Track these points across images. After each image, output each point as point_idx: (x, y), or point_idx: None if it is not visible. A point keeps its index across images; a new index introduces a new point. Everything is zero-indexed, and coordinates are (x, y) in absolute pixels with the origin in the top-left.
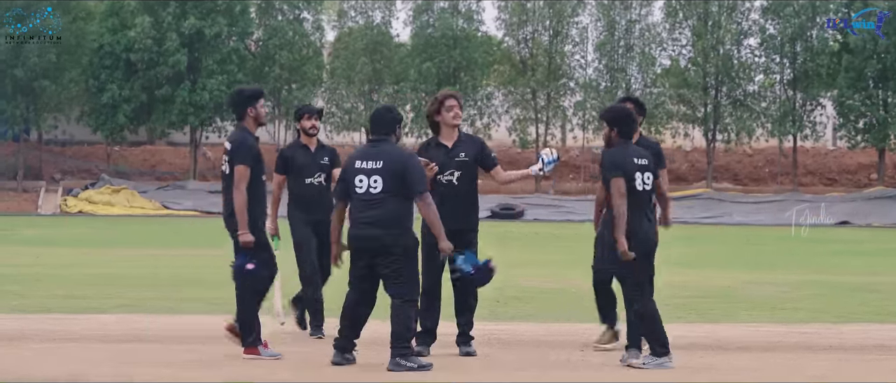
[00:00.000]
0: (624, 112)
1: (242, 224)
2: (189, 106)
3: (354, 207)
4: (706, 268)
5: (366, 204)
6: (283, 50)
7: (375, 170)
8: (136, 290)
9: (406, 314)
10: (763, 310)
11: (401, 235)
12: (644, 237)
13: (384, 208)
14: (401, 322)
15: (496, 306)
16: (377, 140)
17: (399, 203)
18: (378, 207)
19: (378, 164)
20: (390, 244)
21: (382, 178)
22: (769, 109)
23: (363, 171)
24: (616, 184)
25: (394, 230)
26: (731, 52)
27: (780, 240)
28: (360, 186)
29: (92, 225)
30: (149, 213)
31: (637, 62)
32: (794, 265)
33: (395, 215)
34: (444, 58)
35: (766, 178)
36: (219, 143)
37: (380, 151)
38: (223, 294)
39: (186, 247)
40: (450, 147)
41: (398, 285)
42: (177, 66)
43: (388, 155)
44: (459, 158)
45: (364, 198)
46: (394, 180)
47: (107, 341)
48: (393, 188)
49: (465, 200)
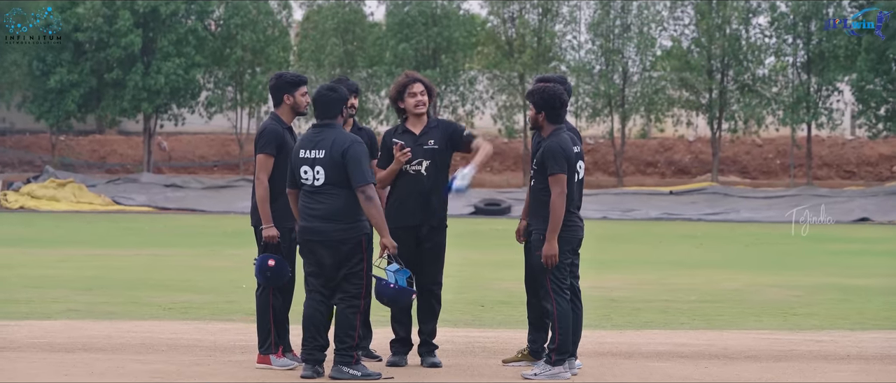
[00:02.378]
0: (554, 93)
1: (265, 216)
2: (143, 91)
3: (301, 199)
4: (711, 269)
5: (311, 196)
6: (245, 29)
7: (318, 159)
8: (84, 294)
9: (346, 317)
10: (774, 316)
11: (348, 230)
12: (574, 231)
13: (329, 201)
14: (341, 326)
15: (480, 311)
16: (321, 125)
17: (346, 194)
18: (323, 200)
19: (320, 154)
20: (337, 240)
21: (324, 169)
22: (781, 95)
23: (306, 161)
24: (559, 182)
25: (340, 224)
26: (738, 31)
27: (793, 238)
28: (305, 178)
29: (34, 222)
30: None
31: (635, 43)
32: (808, 266)
33: (341, 208)
34: (423, 38)
35: (777, 171)
36: (175, 132)
37: (323, 139)
38: (181, 298)
39: (140, 247)
40: (417, 134)
41: (346, 289)
42: (130, 47)
43: (330, 143)
44: (428, 147)
45: (308, 190)
46: (336, 171)
47: (52, 350)
48: (336, 179)
49: (433, 193)
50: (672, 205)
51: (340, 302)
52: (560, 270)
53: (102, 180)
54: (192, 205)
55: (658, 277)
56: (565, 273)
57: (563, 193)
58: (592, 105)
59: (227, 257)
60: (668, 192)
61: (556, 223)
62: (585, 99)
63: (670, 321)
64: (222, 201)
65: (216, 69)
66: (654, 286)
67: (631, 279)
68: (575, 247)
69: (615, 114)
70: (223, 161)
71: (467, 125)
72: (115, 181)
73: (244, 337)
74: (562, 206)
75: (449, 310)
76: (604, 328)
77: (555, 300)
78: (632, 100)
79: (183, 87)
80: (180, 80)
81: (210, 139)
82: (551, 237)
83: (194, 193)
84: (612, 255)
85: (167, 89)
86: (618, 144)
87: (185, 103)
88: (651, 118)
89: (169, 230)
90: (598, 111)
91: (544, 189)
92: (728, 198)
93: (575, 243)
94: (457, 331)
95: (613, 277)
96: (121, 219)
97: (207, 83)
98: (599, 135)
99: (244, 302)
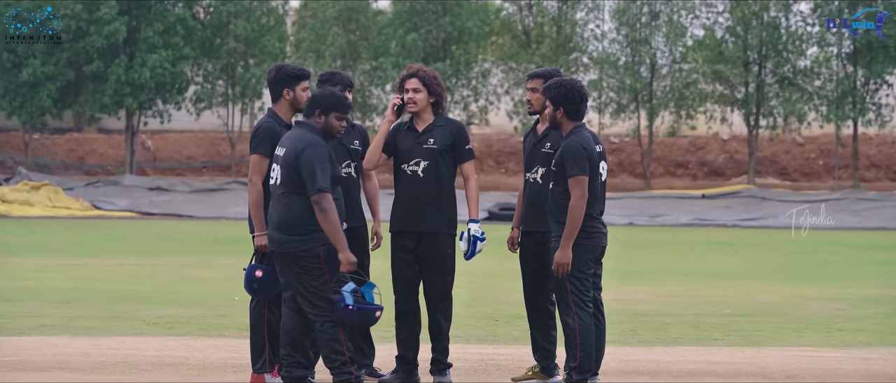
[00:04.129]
0: (573, 86)
1: (257, 223)
2: (126, 85)
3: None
4: (747, 280)
5: (273, 200)
6: (238, 18)
7: (279, 158)
8: (60, 308)
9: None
10: (817, 332)
11: (303, 241)
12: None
13: (282, 208)
14: (324, 344)
15: (494, 325)
16: (299, 122)
17: (301, 202)
18: (277, 206)
19: (282, 152)
20: (292, 251)
21: (281, 170)
22: (824, 89)
23: (276, 159)
24: (580, 184)
25: (294, 235)
26: (777, 19)
27: (839, 246)
28: (272, 178)
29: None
30: (76, 215)
31: (664, 32)
32: (853, 277)
33: (295, 217)
34: (432, 27)
35: (820, 172)
36: (160, 130)
37: (289, 137)
38: (167, 312)
39: (122, 256)
40: (419, 131)
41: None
42: (113, 37)
43: (290, 142)
44: (427, 146)
45: (272, 191)
46: (289, 173)
47: (24, 369)
48: (289, 183)
49: (430, 197)
50: (704, 210)
51: (315, 321)
52: (582, 282)
53: (81, 183)
54: (179, 209)
55: (689, 289)
56: (588, 284)
57: (584, 197)
58: (617, 100)
59: (218, 267)
60: (699, 196)
61: (573, 228)
62: (610, 93)
63: (702, 337)
64: (212, 206)
65: (206, 61)
66: (684, 298)
67: (659, 291)
68: (598, 256)
69: (642, 111)
70: (213, 162)
71: (481, 122)
72: (94, 184)
73: (236, 354)
74: (581, 211)
75: (460, 325)
76: (629, 344)
77: (576, 314)
78: (660, 94)
79: (169, 81)
80: (166, 74)
81: (199, 138)
82: (566, 244)
83: (181, 197)
84: (638, 265)
85: (152, 83)
86: (645, 143)
87: (172, 98)
88: (681, 114)
89: (154, 237)
90: (623, 107)
91: (564, 192)
92: (766, 203)
93: (598, 252)
94: (469, 348)
95: (640, 289)
96: (101, 225)
97: (196, 76)
98: (624, 134)
99: (236, 316)
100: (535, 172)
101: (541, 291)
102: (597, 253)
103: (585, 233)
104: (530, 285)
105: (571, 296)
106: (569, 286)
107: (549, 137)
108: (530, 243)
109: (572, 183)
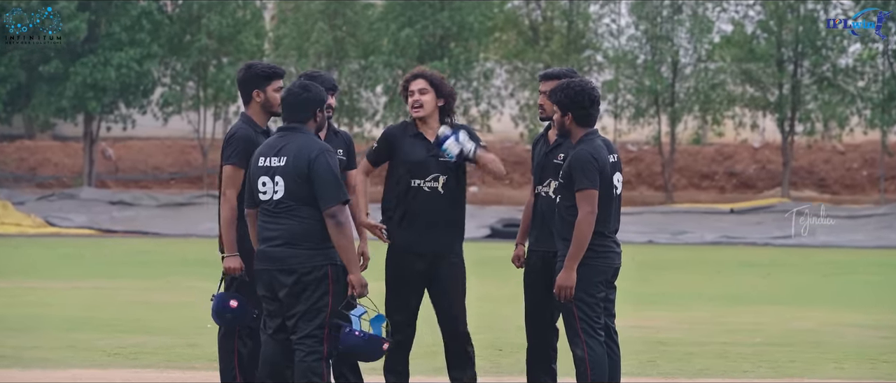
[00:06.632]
0: (582, 88)
1: (228, 243)
2: (88, 88)
3: (259, 219)
4: (780, 305)
5: (268, 216)
6: (211, 12)
7: (278, 169)
8: (10, 336)
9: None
10: (859, 362)
11: (312, 257)
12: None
13: (289, 221)
14: (303, 375)
15: (498, 356)
16: (287, 129)
17: (311, 213)
18: (282, 220)
19: (281, 161)
20: (298, 268)
21: (284, 180)
22: (868, 90)
23: (266, 171)
24: (589, 199)
25: (301, 249)
26: (815, 13)
27: (883, 267)
28: (263, 191)
29: None
30: (27, 232)
31: (687, 28)
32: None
33: (305, 230)
34: (429, 22)
35: (863, 184)
36: (123, 137)
37: (286, 144)
38: (130, 341)
39: (79, 279)
40: (432, 142)
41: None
42: (73, 33)
43: (295, 150)
44: (444, 159)
45: (267, 207)
46: (298, 184)
47: None
48: (298, 194)
49: (450, 214)
50: (733, 227)
51: (298, 347)
52: (592, 307)
53: (33, 196)
54: (144, 226)
55: (715, 315)
56: (598, 310)
57: (593, 213)
58: (635, 103)
59: (188, 290)
60: (727, 211)
61: (579, 248)
62: (627, 96)
63: (730, 368)
64: (181, 222)
65: (174, 60)
66: (709, 325)
67: (682, 317)
68: (610, 278)
69: (663, 115)
70: (182, 173)
71: (483, 128)
72: (48, 197)
73: None
74: (589, 228)
75: None
76: (649, 375)
77: (585, 343)
78: (683, 97)
79: (133, 83)
80: (131, 75)
81: (166, 146)
82: (570, 265)
83: (146, 212)
84: (658, 287)
85: (117, 85)
86: (666, 151)
87: (136, 102)
88: (707, 119)
89: (115, 257)
90: (642, 111)
91: (571, 207)
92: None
93: (610, 274)
94: None
95: (660, 315)
96: (56, 243)
97: (163, 77)
98: (643, 141)
99: (208, 345)
100: (547, 185)
101: (543, 317)
102: (608, 274)
103: (595, 253)
104: (532, 309)
105: (580, 323)
106: (577, 312)
107: (563, 147)
108: (537, 263)
109: (580, 197)
